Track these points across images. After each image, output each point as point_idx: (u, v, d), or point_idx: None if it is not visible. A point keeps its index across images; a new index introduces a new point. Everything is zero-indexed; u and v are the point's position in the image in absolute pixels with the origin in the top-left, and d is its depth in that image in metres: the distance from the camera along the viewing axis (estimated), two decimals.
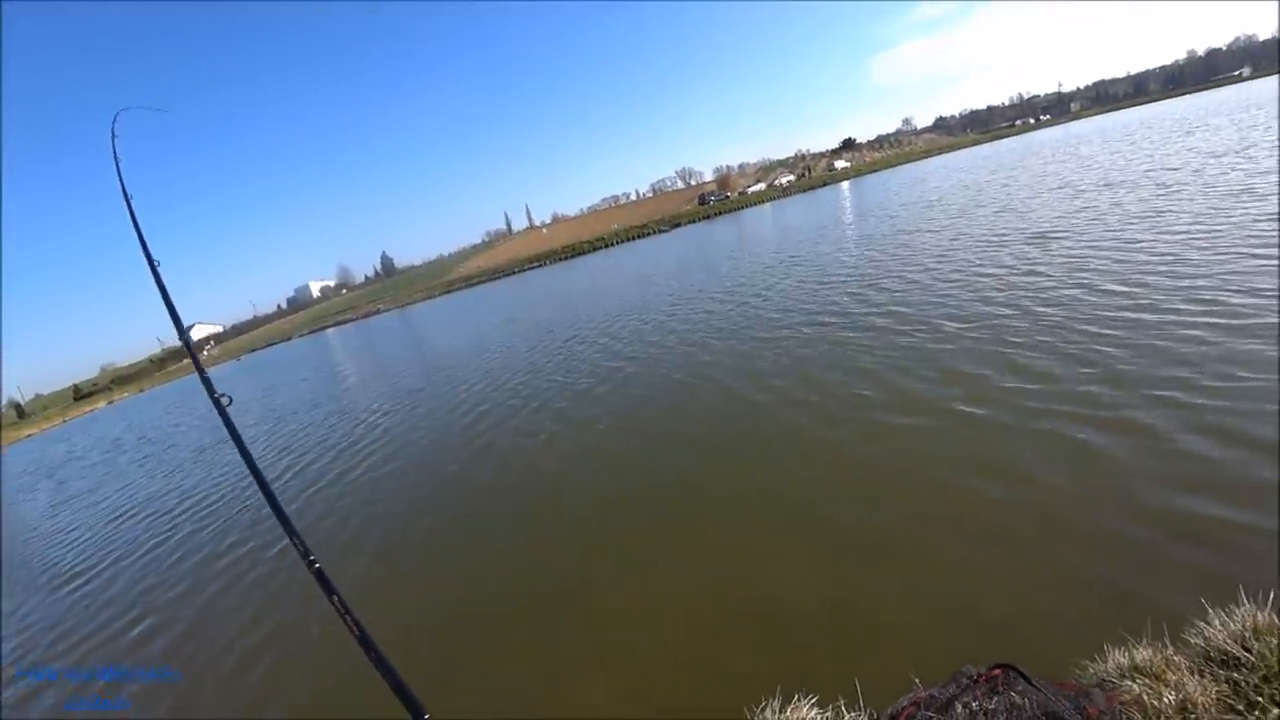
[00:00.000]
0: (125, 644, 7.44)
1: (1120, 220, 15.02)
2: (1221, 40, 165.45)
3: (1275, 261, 9.24)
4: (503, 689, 5.02)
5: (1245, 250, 10.24)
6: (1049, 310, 9.90)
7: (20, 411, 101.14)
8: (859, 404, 8.40)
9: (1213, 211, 13.47)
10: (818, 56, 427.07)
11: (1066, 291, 10.54)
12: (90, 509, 16.48)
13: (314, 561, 2.03)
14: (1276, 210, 12.01)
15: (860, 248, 22.23)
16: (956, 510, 5.61)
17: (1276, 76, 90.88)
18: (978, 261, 14.72)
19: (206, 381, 2.65)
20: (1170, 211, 14.59)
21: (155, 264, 2.97)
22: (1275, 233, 10.65)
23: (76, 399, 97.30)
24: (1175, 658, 2.50)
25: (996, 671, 2.50)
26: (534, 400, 13.33)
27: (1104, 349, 7.95)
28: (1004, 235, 17.16)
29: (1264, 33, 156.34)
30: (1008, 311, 10.38)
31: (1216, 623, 2.54)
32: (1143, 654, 2.55)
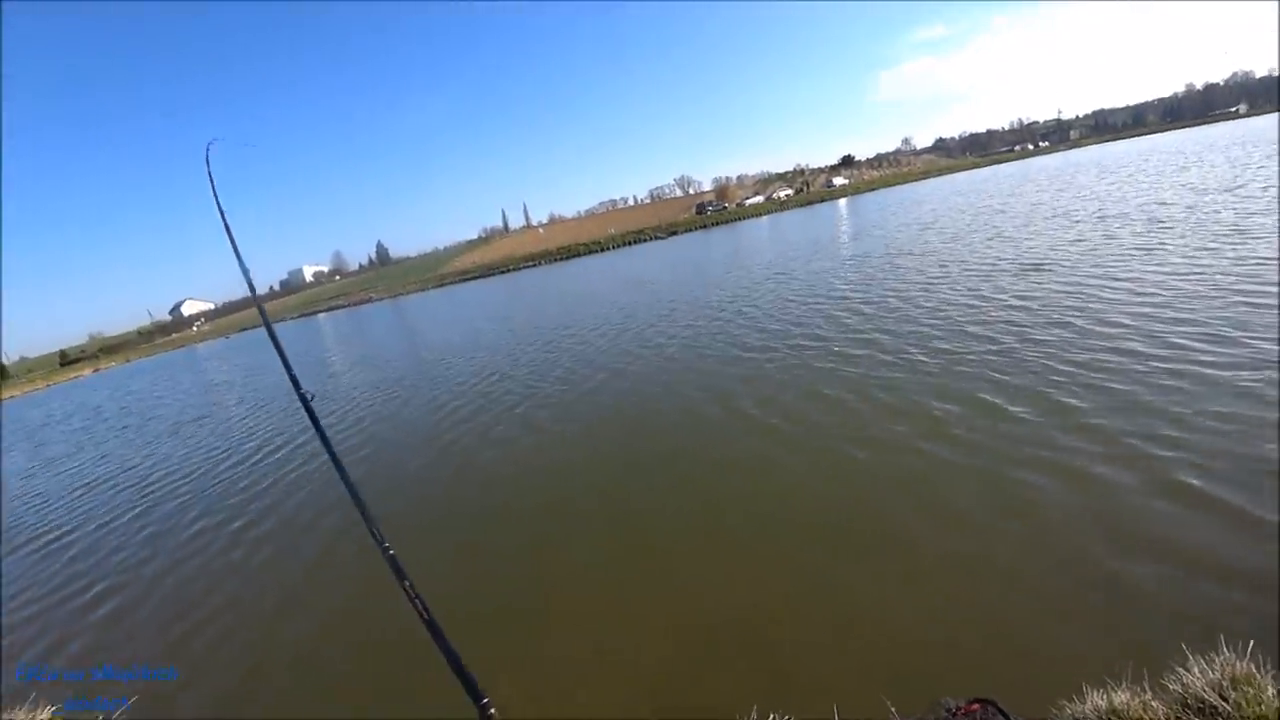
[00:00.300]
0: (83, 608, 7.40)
1: (1112, 255, 15.05)
2: (1219, 76, 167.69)
3: (1265, 303, 9.33)
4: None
5: (1228, 291, 10.33)
6: (1028, 346, 9.92)
7: (2, 372, 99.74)
8: (837, 429, 8.38)
9: (1200, 251, 13.52)
10: (820, 71, 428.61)
11: (1043, 334, 10.38)
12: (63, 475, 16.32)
13: (388, 548, 2.18)
14: (1269, 254, 12.08)
15: (851, 268, 22.12)
16: (936, 539, 5.61)
17: (1275, 115, 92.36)
18: (963, 291, 14.68)
19: (294, 380, 2.81)
20: (1159, 249, 14.64)
21: (248, 274, 3.27)
22: (1261, 275, 10.78)
23: (62, 364, 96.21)
24: (1153, 703, 2.50)
25: (975, 706, 2.49)
26: (499, 404, 13.36)
27: (1081, 389, 7.96)
28: (997, 263, 17.23)
29: (1260, 70, 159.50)
30: (987, 346, 10.36)
31: (1196, 670, 2.55)
32: (1121, 697, 2.56)
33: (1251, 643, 2.58)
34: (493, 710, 1.81)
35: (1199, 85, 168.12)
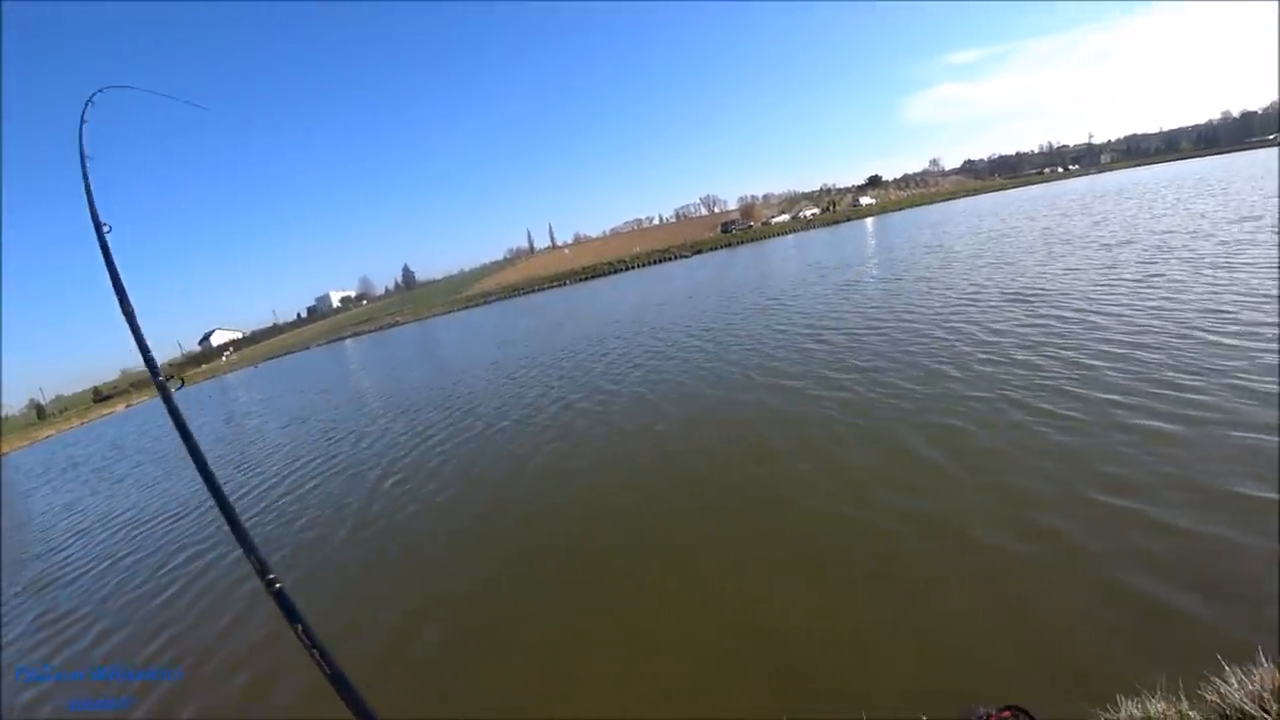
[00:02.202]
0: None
1: (1105, 288, 14.48)
2: (1258, 104, 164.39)
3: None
4: (499, 699, 5.00)
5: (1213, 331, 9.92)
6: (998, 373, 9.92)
7: (40, 412, 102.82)
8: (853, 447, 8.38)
9: (1203, 292, 12.40)
10: (850, 93, 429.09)
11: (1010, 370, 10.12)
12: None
13: (274, 581, 1.70)
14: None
15: (875, 290, 22.18)
16: (966, 553, 5.56)
17: None
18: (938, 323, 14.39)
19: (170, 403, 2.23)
20: (1155, 283, 13.94)
21: (104, 229, 2.53)
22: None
23: (96, 401, 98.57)
24: (1190, 713, 2.47)
25: (1006, 713, 2.49)
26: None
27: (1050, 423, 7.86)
28: (982, 288, 17.21)
29: None
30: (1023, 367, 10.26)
31: (1234, 681, 2.51)
32: (1156, 706, 2.53)
33: None
34: None
35: (1236, 113, 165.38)
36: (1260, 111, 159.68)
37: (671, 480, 8.71)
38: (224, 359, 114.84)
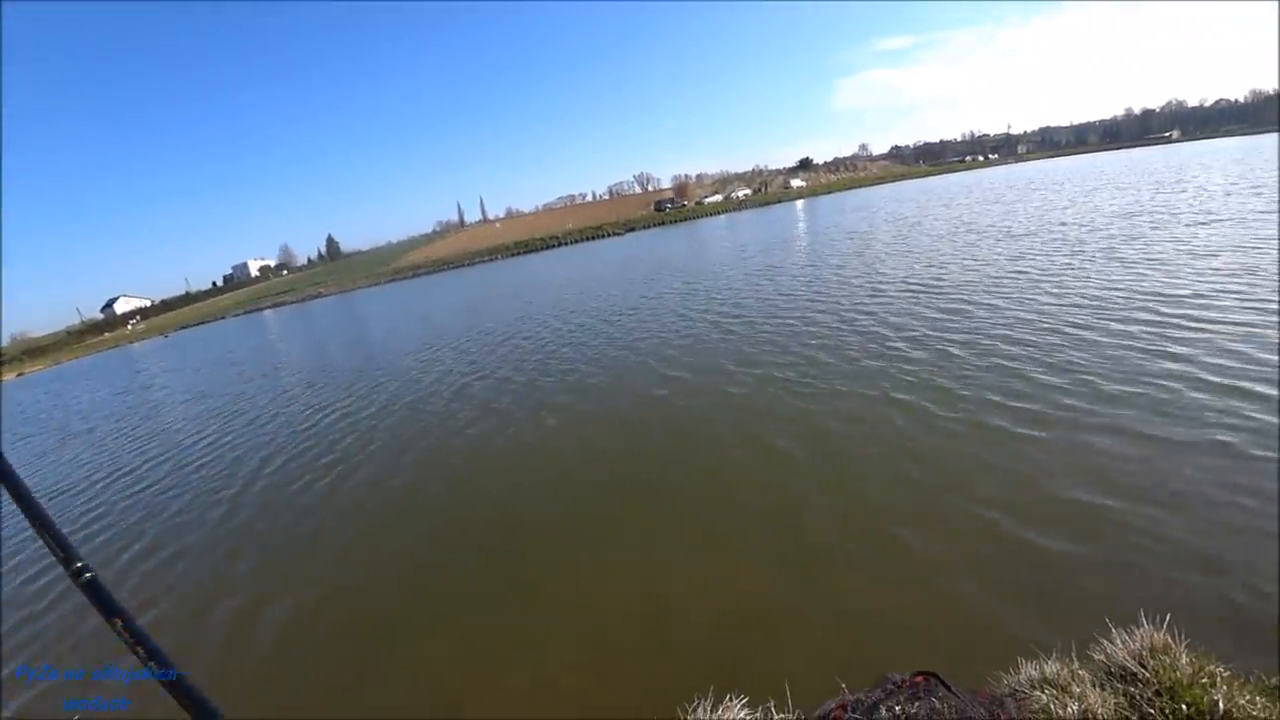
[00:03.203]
0: None
1: (995, 279, 15.55)
2: (1155, 103, 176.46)
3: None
4: (420, 686, 4.98)
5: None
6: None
7: None
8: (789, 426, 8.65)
9: (1097, 288, 13.12)
10: (782, 76, 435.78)
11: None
12: None
13: (83, 569, 1.41)
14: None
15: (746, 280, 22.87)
16: (878, 525, 5.86)
17: (1204, 142, 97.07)
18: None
19: None
20: (1051, 275, 15.00)
21: None
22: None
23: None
24: (1080, 672, 2.68)
25: (919, 679, 2.64)
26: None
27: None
28: (883, 279, 18.08)
29: (1191, 99, 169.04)
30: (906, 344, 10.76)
31: (1119, 641, 2.74)
32: (1051, 667, 2.73)
33: (1169, 616, 2.78)
34: None
35: (1137, 110, 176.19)
36: (1158, 110, 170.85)
37: (563, 467, 8.92)
38: (129, 327, 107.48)
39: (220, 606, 6.97)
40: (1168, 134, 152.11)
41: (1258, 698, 2.33)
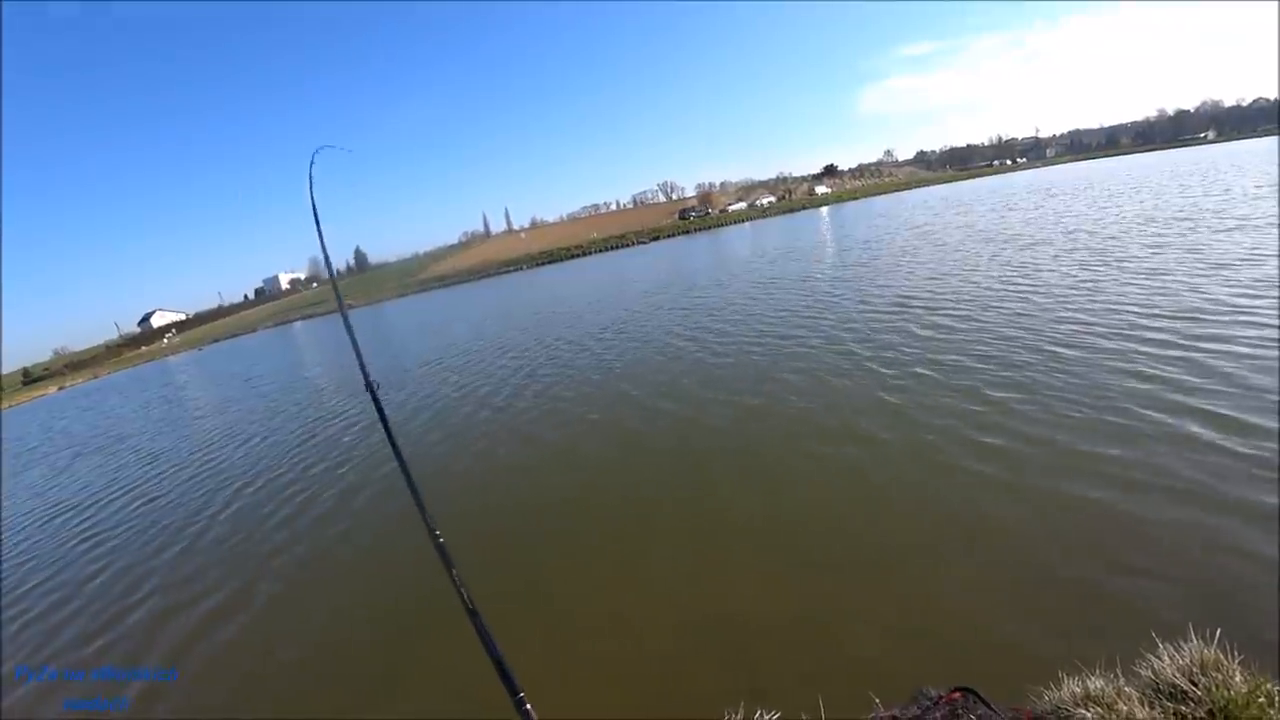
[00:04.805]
0: None
1: (999, 294, 14.66)
2: (1190, 104, 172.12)
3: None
4: (451, 692, 4.97)
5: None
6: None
7: None
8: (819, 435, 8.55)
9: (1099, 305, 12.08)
10: (807, 82, 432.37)
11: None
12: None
13: (438, 536, 2.29)
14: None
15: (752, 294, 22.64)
16: (917, 537, 5.74)
17: (1241, 141, 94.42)
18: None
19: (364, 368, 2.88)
20: (1059, 292, 13.69)
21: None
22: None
23: (25, 383, 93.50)
24: (1126, 689, 2.57)
25: (956, 695, 2.56)
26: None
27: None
28: (872, 295, 17.54)
29: (1228, 100, 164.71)
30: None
31: (1166, 657, 2.63)
32: (1096, 684, 2.63)
33: (1219, 630, 2.67)
34: (529, 705, 1.88)
35: (1170, 111, 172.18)
36: (1193, 110, 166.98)
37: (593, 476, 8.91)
38: (165, 341, 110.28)
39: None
40: (1203, 135, 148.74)
41: None
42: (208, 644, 6.60)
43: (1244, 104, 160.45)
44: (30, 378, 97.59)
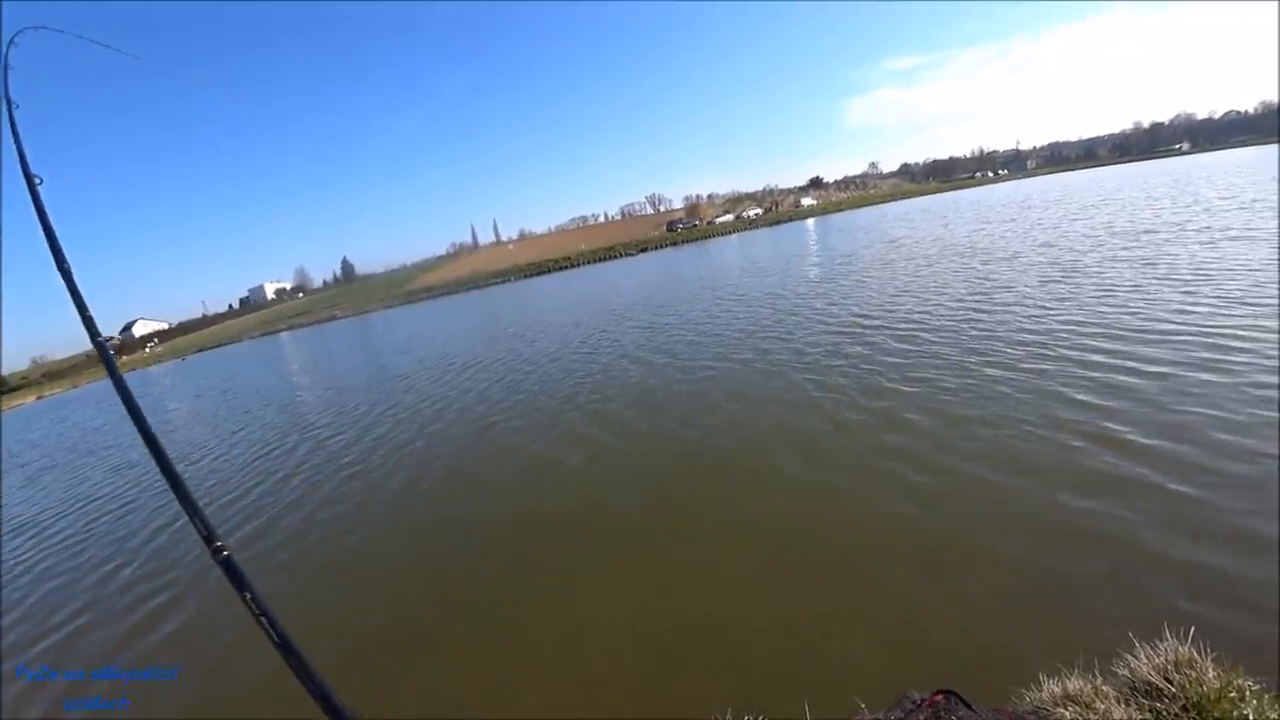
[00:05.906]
0: None
1: (967, 311, 14.34)
2: (1164, 116, 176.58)
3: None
4: (444, 701, 4.95)
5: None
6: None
7: None
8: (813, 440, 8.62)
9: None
10: (793, 95, 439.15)
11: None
12: None
13: (221, 548, 1.60)
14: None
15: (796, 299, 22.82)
16: (895, 542, 5.80)
17: (1214, 153, 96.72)
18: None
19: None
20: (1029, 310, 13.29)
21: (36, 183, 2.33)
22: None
23: (1, 392, 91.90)
24: (1104, 687, 2.63)
25: (939, 697, 2.60)
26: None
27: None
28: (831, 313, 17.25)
29: (1200, 112, 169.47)
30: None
31: (1142, 655, 2.70)
32: (1075, 683, 2.69)
33: (1193, 629, 2.73)
34: None
35: (1146, 123, 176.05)
36: (1167, 123, 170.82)
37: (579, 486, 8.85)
38: (147, 350, 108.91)
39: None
40: (1177, 146, 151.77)
41: None
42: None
43: (1215, 116, 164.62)
44: (6, 387, 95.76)
